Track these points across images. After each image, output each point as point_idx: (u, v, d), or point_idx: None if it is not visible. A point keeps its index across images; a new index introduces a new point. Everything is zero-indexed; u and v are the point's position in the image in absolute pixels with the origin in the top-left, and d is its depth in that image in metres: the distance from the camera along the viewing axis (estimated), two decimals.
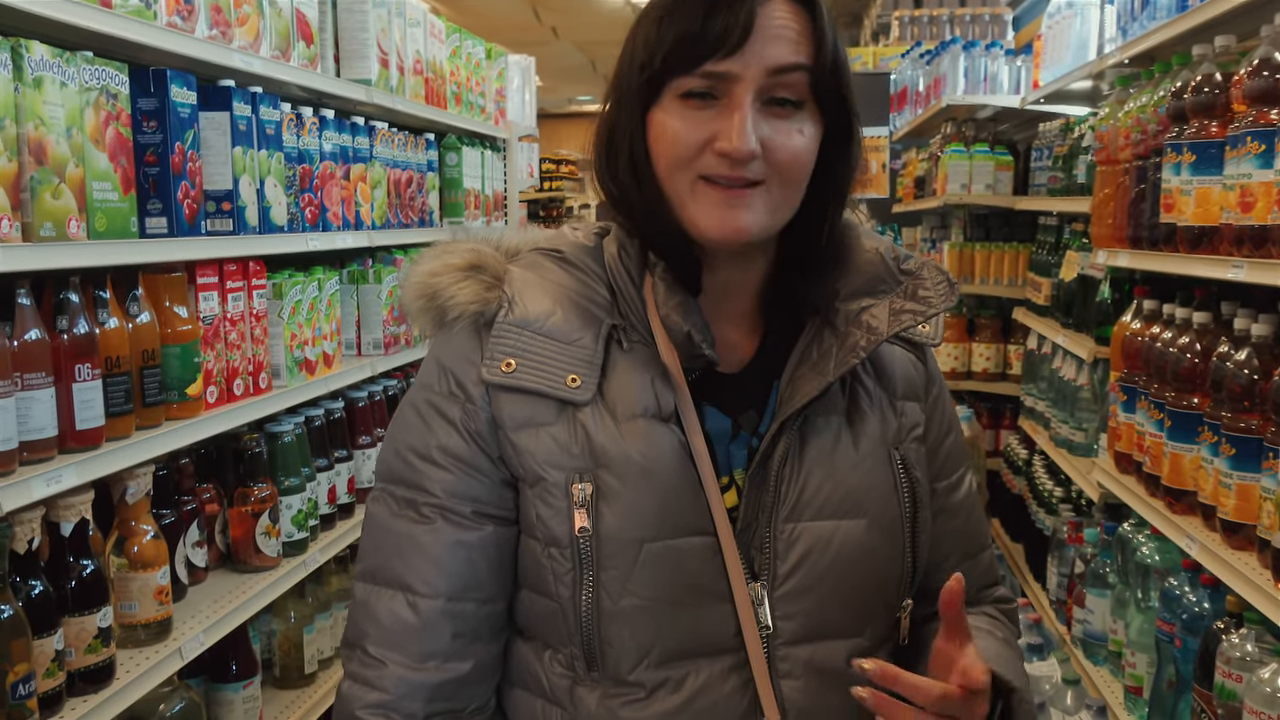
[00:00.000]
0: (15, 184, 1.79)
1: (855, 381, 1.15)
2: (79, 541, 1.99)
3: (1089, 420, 3.33)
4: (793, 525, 1.09)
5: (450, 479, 1.10)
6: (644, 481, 1.06)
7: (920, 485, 1.14)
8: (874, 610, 1.13)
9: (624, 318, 1.12)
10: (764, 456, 1.09)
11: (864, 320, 1.12)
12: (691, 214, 1.08)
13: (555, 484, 1.07)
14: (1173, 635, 2.31)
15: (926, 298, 1.13)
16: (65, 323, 1.94)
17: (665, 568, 1.06)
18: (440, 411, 1.11)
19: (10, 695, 1.74)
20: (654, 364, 1.10)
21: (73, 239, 1.92)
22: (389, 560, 1.12)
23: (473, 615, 1.11)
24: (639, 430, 1.07)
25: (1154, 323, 2.64)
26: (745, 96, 1.05)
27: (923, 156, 5.65)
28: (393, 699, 1.10)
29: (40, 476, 1.81)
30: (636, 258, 1.13)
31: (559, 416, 1.08)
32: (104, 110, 2.03)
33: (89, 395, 1.96)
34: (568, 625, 1.08)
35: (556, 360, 1.09)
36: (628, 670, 1.07)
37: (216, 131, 2.46)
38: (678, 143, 1.06)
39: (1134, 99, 2.76)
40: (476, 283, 1.13)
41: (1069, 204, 3.59)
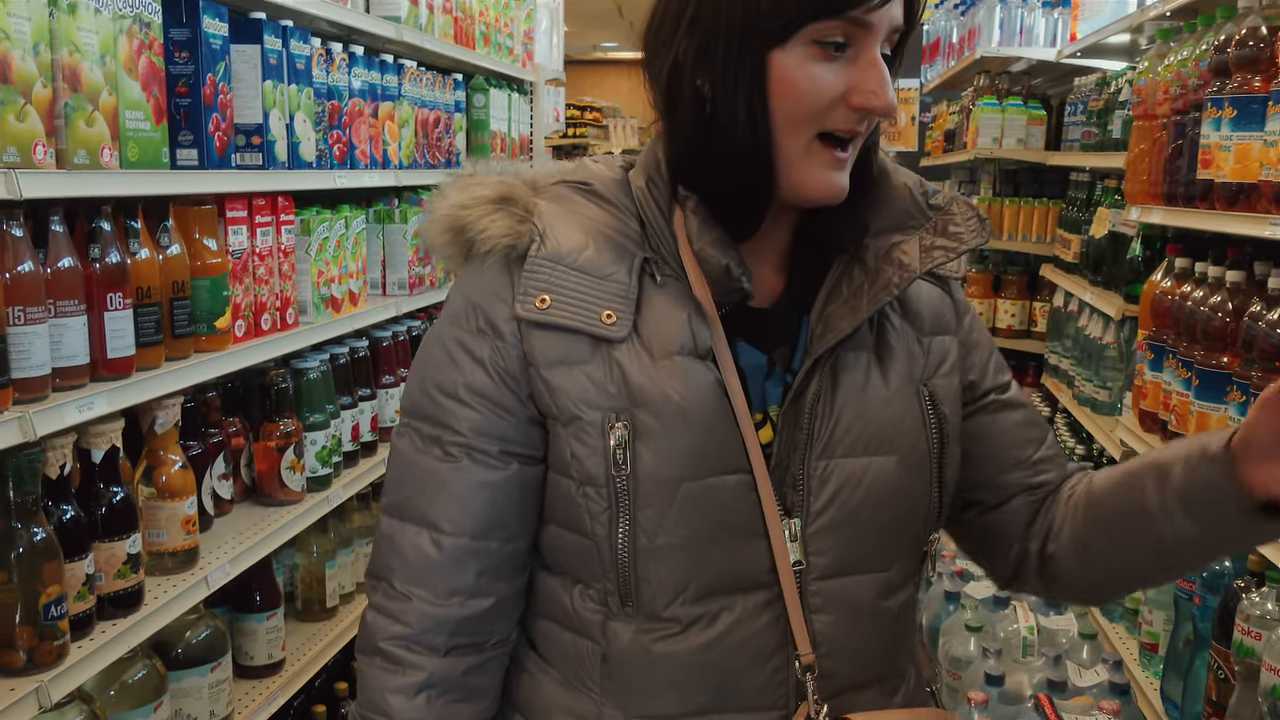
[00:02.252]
0: (50, 110, 1.79)
1: (883, 318, 1.14)
2: (109, 469, 2.02)
3: (1114, 379, 3.31)
4: (825, 462, 1.08)
5: (477, 418, 1.09)
6: (681, 421, 1.05)
7: (948, 421, 1.14)
8: (902, 545, 1.14)
9: (655, 251, 1.10)
10: (797, 393, 1.08)
11: (895, 257, 1.10)
12: (799, 173, 1.05)
13: (591, 423, 1.05)
14: (1192, 593, 2.31)
15: (957, 234, 1.12)
16: (97, 251, 1.95)
17: (702, 506, 1.05)
18: (468, 349, 1.10)
19: (43, 616, 1.78)
20: (688, 299, 1.08)
21: (106, 167, 1.92)
22: (414, 496, 1.12)
23: (497, 553, 1.12)
24: (676, 368, 1.06)
25: (1185, 281, 2.61)
26: (876, 51, 1.02)
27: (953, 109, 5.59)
28: (415, 632, 1.12)
29: (73, 403, 1.83)
30: (666, 191, 1.11)
31: (594, 354, 1.06)
32: (137, 39, 2.03)
33: (120, 324, 1.97)
34: (602, 562, 1.08)
35: (591, 295, 1.07)
36: (663, 606, 1.07)
37: (247, 65, 2.45)
38: (813, 94, 1.02)
39: (1174, 52, 2.72)
40: (508, 216, 1.10)
41: (1103, 159, 3.54)
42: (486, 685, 1.16)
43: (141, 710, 2.14)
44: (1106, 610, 2.91)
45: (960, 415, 1.18)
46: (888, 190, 1.14)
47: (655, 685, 1.09)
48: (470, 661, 1.13)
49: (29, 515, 1.78)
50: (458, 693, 1.13)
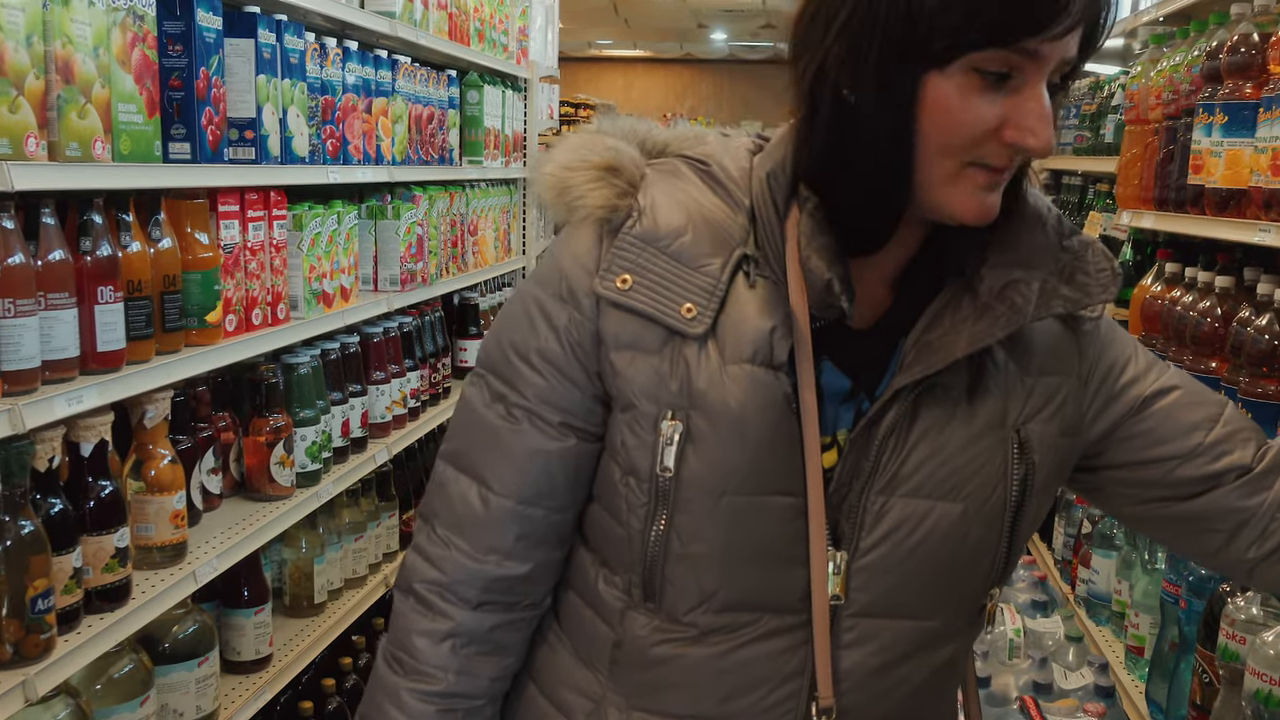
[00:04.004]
0: (42, 102, 1.79)
1: (986, 354, 1.05)
2: (98, 462, 2.01)
3: None
4: (885, 498, 1.03)
5: (543, 384, 1.08)
6: (735, 431, 1.01)
7: (1035, 471, 1.06)
8: (954, 597, 1.08)
9: (759, 248, 1.04)
10: (870, 422, 1.03)
11: (1010, 296, 1.02)
12: (947, 196, 0.98)
13: (645, 415, 1.03)
14: (1178, 597, 2.32)
15: (1085, 284, 1.04)
16: (88, 244, 1.95)
17: (743, 523, 1.02)
18: (546, 314, 1.08)
19: (30, 609, 1.77)
20: (778, 306, 1.02)
21: (98, 160, 1.91)
22: (472, 449, 1.12)
23: (540, 521, 1.11)
24: (742, 376, 1.01)
25: (1175, 286, 2.62)
26: (1043, 85, 0.95)
27: None
28: (449, 581, 1.13)
29: (62, 396, 1.83)
30: (786, 186, 1.04)
31: (664, 345, 1.03)
32: (130, 31, 2.02)
33: (111, 317, 1.97)
34: (632, 555, 1.07)
35: (675, 285, 1.03)
36: (684, 611, 1.06)
37: (241, 58, 2.45)
38: (966, 125, 0.95)
39: (1167, 58, 2.73)
40: (609, 187, 1.07)
41: (1095, 163, 3.55)
42: (512, 643, 1.17)
43: (128, 705, 2.13)
44: (1093, 613, 2.92)
45: (1055, 461, 1.09)
46: (1020, 219, 1.06)
47: (661, 683, 1.08)
48: (499, 619, 1.14)
49: (17, 508, 1.78)
50: (482, 645, 1.14)
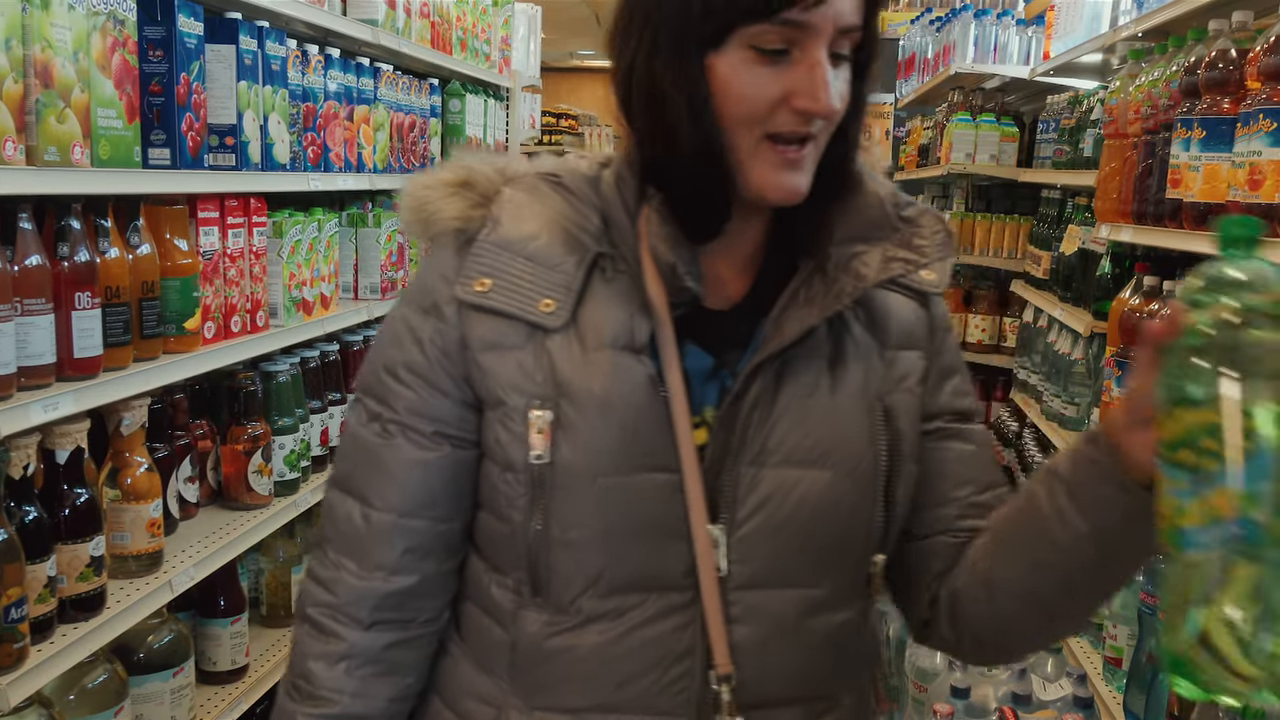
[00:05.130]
0: (21, 106, 1.77)
1: (843, 329, 1.12)
2: (74, 470, 1.99)
3: (1082, 395, 3.34)
4: (755, 470, 1.06)
5: (413, 397, 1.10)
6: (602, 414, 1.04)
7: (904, 438, 1.11)
8: (836, 563, 1.11)
9: (614, 247, 1.10)
10: (735, 397, 1.07)
11: (854, 266, 1.09)
12: (754, 176, 1.04)
13: (515, 409, 1.06)
14: (1155, 608, 2.33)
15: (921, 246, 1.11)
16: (66, 250, 1.93)
17: (620, 502, 1.05)
18: (411, 328, 1.11)
19: (3, 618, 1.75)
20: (635, 295, 1.07)
21: (76, 165, 1.90)
22: (354, 470, 1.14)
23: (424, 533, 1.12)
24: (605, 361, 1.05)
25: (1153, 299, 2.64)
26: (820, 52, 1.01)
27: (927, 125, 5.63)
28: (340, 602, 1.13)
29: (38, 402, 1.81)
30: (634, 187, 1.10)
31: (528, 341, 1.06)
32: (110, 36, 2.01)
33: (88, 324, 1.95)
34: (517, 550, 1.08)
35: (533, 283, 1.07)
36: (570, 599, 1.07)
37: (222, 65, 2.44)
38: (751, 98, 1.01)
39: (1146, 73, 2.75)
40: (462, 199, 1.11)
41: (1074, 177, 3.58)
42: (409, 662, 1.16)
43: (102, 715, 2.11)
44: None
45: (919, 434, 1.15)
46: (859, 198, 1.12)
47: (557, 678, 1.09)
48: (393, 637, 1.14)
49: None
50: (377, 666, 1.14)
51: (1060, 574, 1.06)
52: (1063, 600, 1.09)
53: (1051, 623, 1.14)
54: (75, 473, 1.99)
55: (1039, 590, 1.08)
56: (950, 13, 5.23)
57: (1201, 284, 0.83)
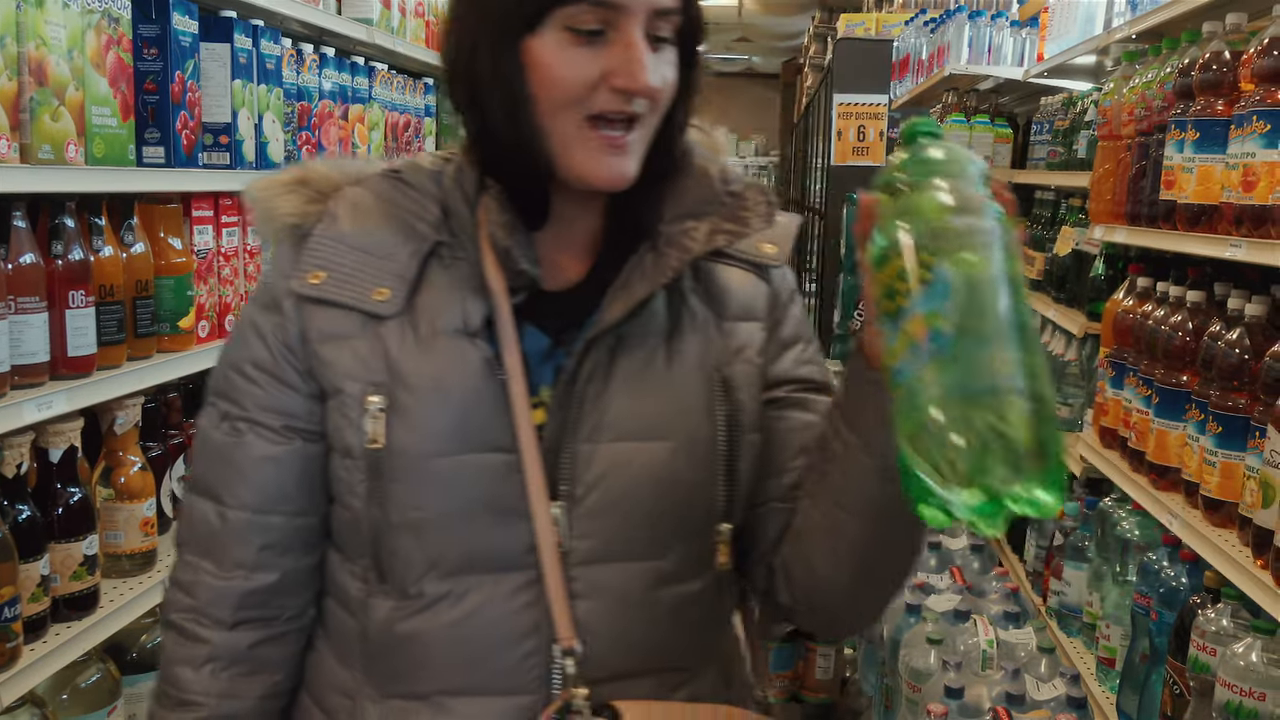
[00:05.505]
0: (15, 104, 1.77)
1: (681, 303, 1.14)
2: (67, 469, 1.99)
3: (1075, 395, 3.35)
4: (592, 446, 1.08)
5: (260, 393, 1.11)
6: (436, 397, 1.06)
7: (743, 409, 1.12)
8: (680, 534, 1.11)
9: (454, 236, 1.11)
10: (570, 376, 1.08)
11: (681, 241, 1.11)
12: (574, 159, 1.06)
13: (351, 396, 1.07)
14: (1149, 608, 2.34)
15: (745, 218, 1.13)
16: (60, 248, 1.93)
17: (457, 483, 1.06)
18: (255, 326, 1.12)
19: None
20: (470, 281, 1.09)
21: (71, 163, 1.90)
22: (207, 471, 1.14)
23: (280, 528, 1.13)
24: (439, 346, 1.07)
25: (1147, 300, 2.65)
26: (635, 31, 1.03)
27: None
28: (201, 605, 1.13)
29: (31, 401, 1.81)
30: (474, 178, 1.12)
31: (363, 330, 1.08)
32: (105, 34, 2.01)
33: (82, 322, 1.95)
34: (360, 536, 1.09)
35: (366, 274, 1.08)
36: (412, 582, 1.08)
37: (217, 63, 2.44)
38: (569, 80, 1.03)
39: (1140, 74, 2.76)
40: (298, 196, 1.13)
41: (1067, 179, 3.58)
42: (277, 659, 1.16)
43: (95, 715, 2.11)
44: (1065, 625, 2.94)
45: (760, 404, 1.17)
46: (689, 177, 1.15)
47: (407, 664, 1.10)
48: (258, 635, 1.14)
49: None
50: (244, 666, 1.14)
51: (854, 501, 1.07)
52: (867, 534, 1.08)
53: (868, 571, 1.12)
54: (69, 472, 1.99)
55: (844, 528, 1.08)
56: (945, 14, 5.24)
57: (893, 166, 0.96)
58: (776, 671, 3.14)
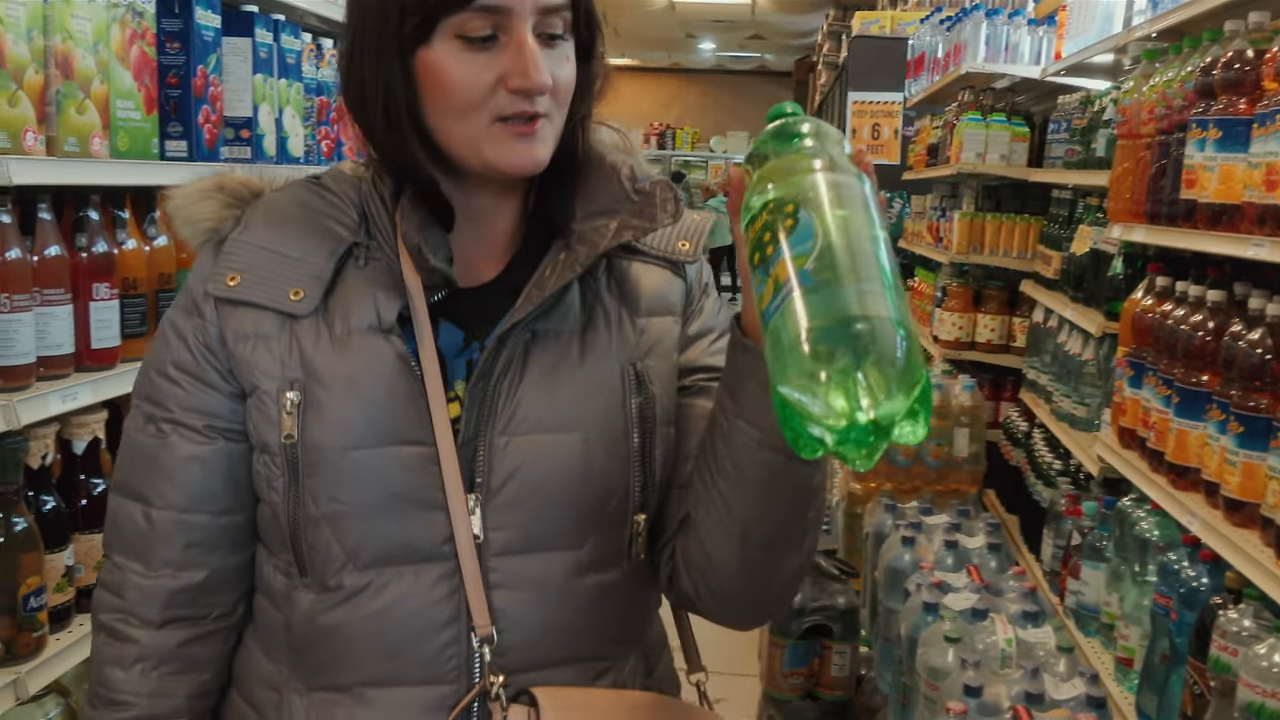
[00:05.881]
0: (41, 97, 1.78)
1: (595, 300, 1.17)
2: (91, 461, 2.00)
3: (1092, 395, 3.34)
4: (507, 439, 1.10)
5: (182, 394, 1.13)
6: (349, 392, 1.08)
7: (655, 401, 1.15)
8: (595, 524, 1.13)
9: (371, 237, 1.14)
10: (484, 372, 1.10)
11: (590, 237, 1.14)
12: (487, 155, 1.08)
13: (267, 393, 1.09)
14: (1169, 609, 2.34)
15: (653, 214, 1.15)
16: (85, 240, 1.94)
17: (371, 476, 1.08)
18: (177, 328, 1.14)
19: (22, 607, 1.76)
20: (386, 280, 1.11)
21: (95, 156, 1.91)
22: (132, 473, 1.15)
23: (206, 526, 1.14)
24: (354, 343, 1.09)
25: (1166, 299, 2.64)
26: (525, 32, 1.05)
27: (937, 124, 5.62)
28: (129, 604, 1.15)
29: (57, 392, 1.82)
30: (392, 184, 1.14)
31: (280, 330, 1.10)
32: (129, 28, 2.01)
33: (106, 315, 1.96)
34: (280, 531, 1.11)
35: (282, 275, 1.11)
36: (331, 574, 1.10)
37: (238, 57, 2.45)
38: (466, 86, 1.05)
39: (1160, 73, 2.75)
40: (214, 202, 1.15)
41: (1085, 177, 3.57)
42: (205, 658, 1.18)
43: None
44: (1082, 625, 2.93)
45: (674, 398, 1.19)
46: (598, 175, 1.18)
47: (329, 656, 1.11)
48: (186, 634, 1.16)
49: (10, 505, 1.77)
50: (174, 665, 1.16)
51: (738, 473, 1.07)
52: (753, 507, 1.08)
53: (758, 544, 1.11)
54: (93, 463, 2.00)
55: (730, 503, 1.09)
56: (961, 12, 5.22)
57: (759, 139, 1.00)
58: (792, 669, 3.14)
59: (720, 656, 4.23)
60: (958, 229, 4.72)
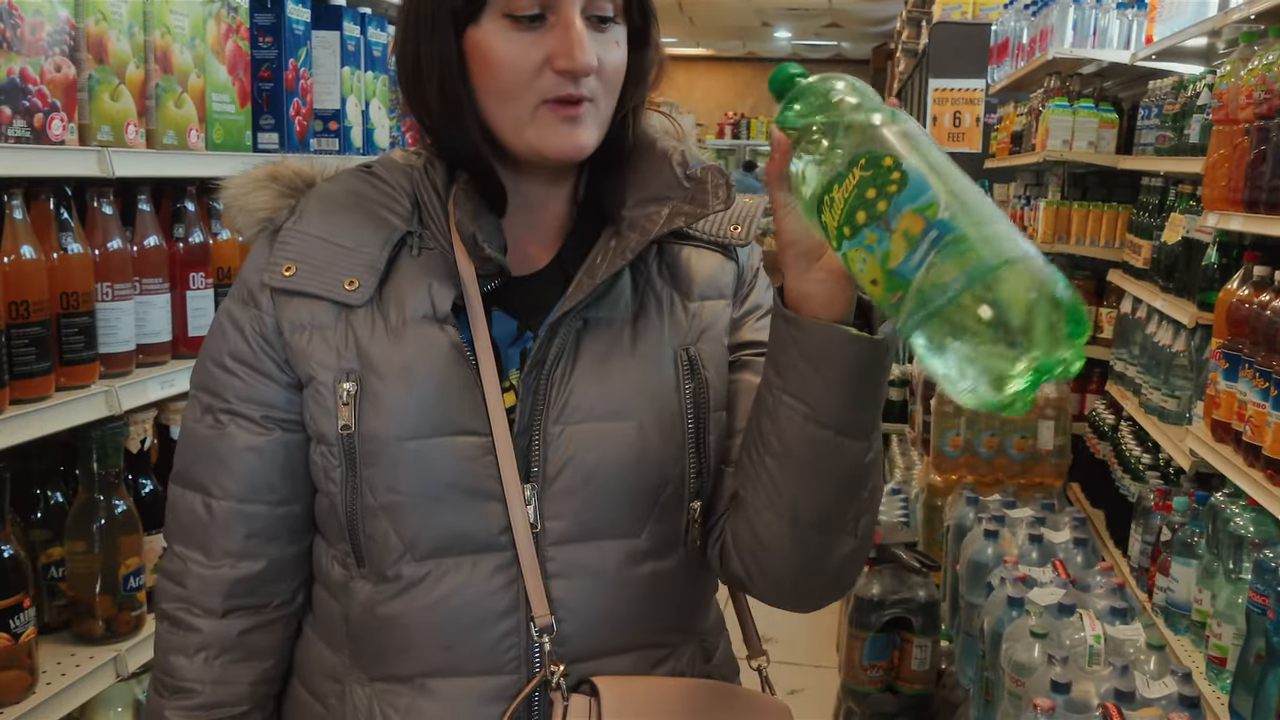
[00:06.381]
0: (142, 90, 1.83)
1: (648, 285, 1.16)
2: None
3: (1183, 388, 3.26)
4: (561, 428, 1.09)
5: (240, 384, 1.13)
6: (404, 382, 1.07)
7: (709, 386, 1.14)
8: (651, 512, 1.12)
9: (424, 226, 1.14)
10: (537, 360, 1.10)
11: (641, 223, 1.13)
12: (530, 137, 1.08)
13: (324, 383, 1.09)
14: (1265, 607, 2.27)
15: (704, 200, 1.14)
16: (182, 231, 1.99)
17: (428, 465, 1.07)
18: (234, 319, 1.14)
19: (122, 587, 1.81)
20: (440, 269, 1.11)
21: (193, 149, 1.95)
22: (191, 463, 1.16)
23: (265, 516, 1.14)
24: (409, 333, 1.09)
25: (1264, 289, 2.56)
26: (574, 13, 1.05)
27: (1021, 111, 5.52)
28: (191, 594, 1.16)
29: (155, 379, 1.87)
30: (443, 171, 1.14)
31: (336, 319, 1.10)
32: (224, 23, 2.06)
33: (202, 303, 2.01)
34: (338, 521, 1.11)
35: (337, 264, 1.11)
36: (389, 565, 1.09)
37: (327, 50, 2.49)
38: (513, 66, 1.05)
39: (1259, 56, 2.66)
40: (269, 192, 1.15)
41: (1178, 164, 3.48)
42: (267, 645, 1.19)
43: None
44: (1172, 623, 2.86)
45: (726, 383, 1.18)
46: (649, 161, 1.17)
47: (388, 646, 1.11)
48: (248, 623, 1.17)
49: (111, 488, 1.82)
50: (236, 653, 1.17)
51: (785, 448, 1.04)
52: (801, 483, 1.05)
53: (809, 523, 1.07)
54: None
55: (778, 479, 1.05)
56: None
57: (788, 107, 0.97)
58: (871, 662, 3.11)
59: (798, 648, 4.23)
60: (1043, 218, 4.62)
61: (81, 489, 1.82)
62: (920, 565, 3.19)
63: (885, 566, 3.16)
